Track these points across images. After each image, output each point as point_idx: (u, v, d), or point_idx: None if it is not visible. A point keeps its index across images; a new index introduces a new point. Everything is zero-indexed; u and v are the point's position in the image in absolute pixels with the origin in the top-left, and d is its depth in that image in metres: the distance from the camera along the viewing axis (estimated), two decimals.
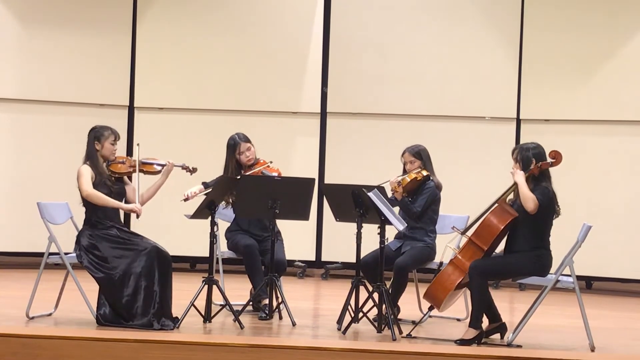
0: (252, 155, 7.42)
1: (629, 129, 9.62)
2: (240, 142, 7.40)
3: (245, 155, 7.39)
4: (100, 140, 6.74)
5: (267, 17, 10.20)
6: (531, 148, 6.47)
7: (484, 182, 9.55)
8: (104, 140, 6.74)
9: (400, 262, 6.99)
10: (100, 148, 6.73)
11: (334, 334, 6.61)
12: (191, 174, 7.02)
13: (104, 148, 6.74)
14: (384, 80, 10.04)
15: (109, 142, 6.75)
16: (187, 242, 9.65)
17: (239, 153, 7.39)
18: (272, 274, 6.89)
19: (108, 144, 6.74)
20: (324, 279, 9.92)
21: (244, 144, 7.40)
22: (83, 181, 6.64)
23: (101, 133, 6.75)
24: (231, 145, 7.44)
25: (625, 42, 9.62)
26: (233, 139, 7.45)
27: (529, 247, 6.38)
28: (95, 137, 6.75)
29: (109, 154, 6.76)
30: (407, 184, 7.14)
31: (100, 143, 6.74)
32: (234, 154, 7.41)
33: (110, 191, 6.69)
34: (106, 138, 6.74)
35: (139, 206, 6.68)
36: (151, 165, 6.87)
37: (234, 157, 7.41)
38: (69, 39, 9.98)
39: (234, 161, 7.40)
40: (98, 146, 6.74)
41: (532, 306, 6.48)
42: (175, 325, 6.47)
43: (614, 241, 9.49)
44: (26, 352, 5.66)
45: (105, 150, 6.74)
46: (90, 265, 6.50)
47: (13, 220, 9.79)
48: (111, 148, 6.76)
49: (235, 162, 7.40)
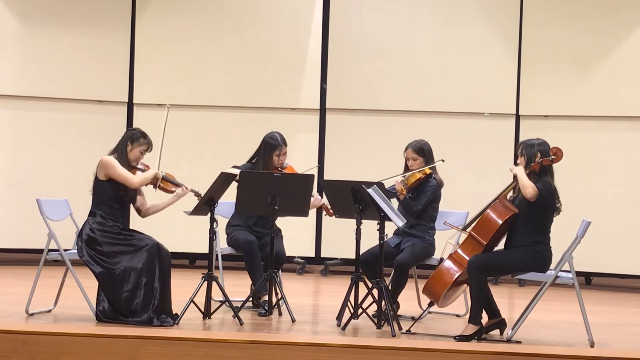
0: (285, 159, 7.41)
1: (628, 125, 9.62)
2: (282, 145, 7.34)
3: (282, 159, 7.36)
4: (133, 144, 6.69)
5: (266, 14, 10.19)
6: (537, 144, 6.46)
7: (484, 178, 9.55)
8: (137, 145, 6.69)
9: (401, 259, 6.99)
10: (129, 150, 6.69)
11: (333, 330, 6.62)
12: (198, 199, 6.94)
13: (132, 152, 6.68)
14: (383, 77, 10.04)
15: (140, 149, 6.69)
16: (186, 239, 9.64)
17: (277, 155, 7.35)
18: (272, 270, 6.90)
19: (138, 150, 6.69)
20: (323, 275, 9.92)
21: (284, 147, 7.36)
22: (122, 172, 6.55)
23: (137, 138, 6.69)
24: (271, 144, 7.35)
25: (624, 38, 9.63)
26: (275, 139, 7.36)
27: (528, 242, 6.38)
28: (131, 138, 6.70)
29: (134, 160, 6.71)
30: (411, 184, 7.14)
31: (132, 145, 6.68)
32: (272, 154, 7.36)
33: (125, 194, 6.67)
34: (140, 145, 6.69)
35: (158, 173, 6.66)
36: (168, 183, 6.81)
37: (271, 156, 7.34)
38: (68, 35, 9.97)
39: (271, 160, 7.32)
40: (129, 147, 6.69)
41: (532, 302, 6.49)
42: (175, 322, 6.47)
43: (613, 237, 9.49)
44: (26, 348, 5.66)
45: (132, 154, 6.69)
46: (90, 260, 6.49)
47: (12, 216, 9.78)
48: (139, 156, 6.71)
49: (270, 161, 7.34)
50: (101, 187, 6.62)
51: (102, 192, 6.62)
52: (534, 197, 6.26)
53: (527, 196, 6.26)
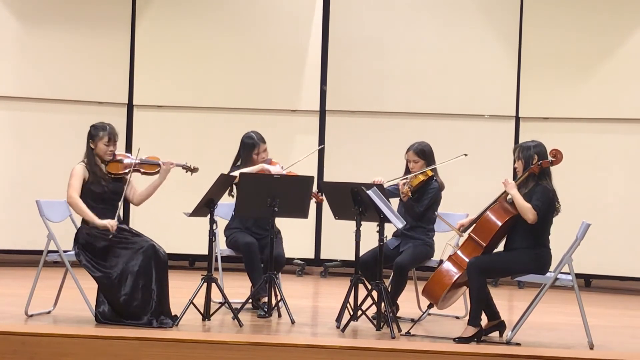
0: (267, 156, 7.40)
1: (628, 127, 9.62)
2: (260, 144, 7.35)
3: (262, 157, 7.36)
4: (95, 140, 6.69)
5: (266, 15, 10.19)
6: (532, 146, 6.47)
7: (483, 180, 9.54)
8: (97, 140, 6.68)
9: (400, 261, 6.98)
10: (94, 147, 6.70)
11: (332, 332, 6.61)
12: (192, 174, 6.99)
13: (97, 148, 6.69)
14: (383, 78, 10.04)
15: (103, 142, 6.67)
16: (186, 240, 9.64)
17: (257, 153, 7.36)
18: (271, 271, 6.90)
19: (101, 144, 6.68)
20: (323, 277, 9.92)
21: (263, 145, 7.36)
22: (71, 183, 6.60)
23: (96, 133, 6.69)
24: (249, 144, 7.38)
25: (624, 40, 9.62)
26: (252, 139, 7.39)
27: (528, 244, 6.38)
28: (91, 136, 6.72)
29: (103, 154, 6.70)
30: (414, 186, 7.14)
31: (94, 142, 6.69)
32: (251, 153, 7.38)
33: (104, 190, 6.65)
34: (100, 138, 6.67)
35: (113, 222, 6.55)
36: (149, 165, 6.81)
37: (251, 156, 7.38)
38: (68, 36, 9.97)
39: (251, 159, 7.35)
40: (92, 145, 6.70)
41: (531, 304, 6.49)
42: (174, 323, 6.47)
43: (613, 239, 9.49)
44: (25, 350, 5.66)
45: (98, 150, 6.69)
46: (88, 264, 6.50)
47: (12, 218, 9.78)
48: (105, 149, 6.68)
49: (250, 161, 7.36)
50: (82, 192, 6.63)
51: (84, 196, 6.63)
52: (535, 221, 6.27)
53: (528, 221, 6.27)
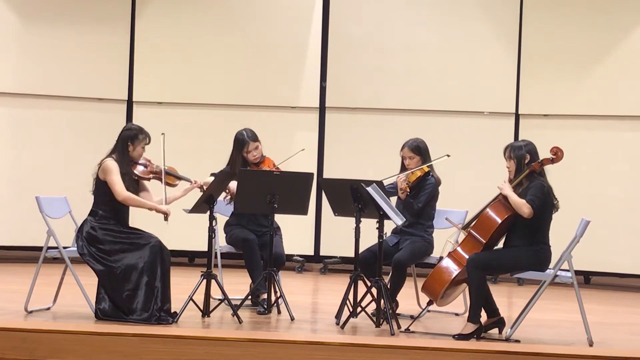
0: (259, 154, 7.37)
1: (628, 124, 9.62)
2: (249, 142, 7.32)
3: (253, 155, 7.33)
4: (134, 143, 6.67)
5: (265, 12, 10.19)
6: (523, 145, 6.49)
7: (483, 177, 9.54)
8: (138, 143, 6.67)
9: (399, 257, 6.98)
10: (132, 150, 6.68)
11: (332, 329, 6.61)
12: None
13: (135, 151, 6.67)
14: (383, 75, 10.04)
15: (142, 145, 6.68)
16: (185, 237, 9.63)
17: (247, 152, 7.35)
18: (271, 268, 6.90)
19: (141, 147, 6.68)
20: (322, 274, 9.93)
21: (253, 143, 7.32)
22: (116, 180, 6.53)
23: (136, 136, 6.66)
24: (239, 142, 7.36)
25: (624, 36, 9.62)
26: (242, 136, 7.36)
27: (527, 241, 6.38)
28: (131, 138, 6.66)
29: (138, 157, 6.71)
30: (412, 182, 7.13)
31: (133, 145, 6.67)
32: (242, 151, 7.37)
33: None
34: (140, 142, 6.67)
35: (167, 208, 6.61)
36: (172, 177, 6.79)
37: (240, 153, 7.36)
38: (67, 33, 9.97)
39: (240, 158, 7.36)
40: (130, 147, 6.67)
41: (531, 301, 6.48)
42: (174, 320, 6.47)
43: (612, 236, 9.49)
44: (25, 346, 5.67)
45: (136, 152, 6.68)
46: (90, 258, 6.49)
47: (12, 214, 9.79)
48: (142, 152, 6.71)
49: (242, 158, 7.36)
50: (102, 188, 6.62)
51: (103, 192, 6.62)
52: (531, 215, 6.27)
53: (524, 216, 6.28)
